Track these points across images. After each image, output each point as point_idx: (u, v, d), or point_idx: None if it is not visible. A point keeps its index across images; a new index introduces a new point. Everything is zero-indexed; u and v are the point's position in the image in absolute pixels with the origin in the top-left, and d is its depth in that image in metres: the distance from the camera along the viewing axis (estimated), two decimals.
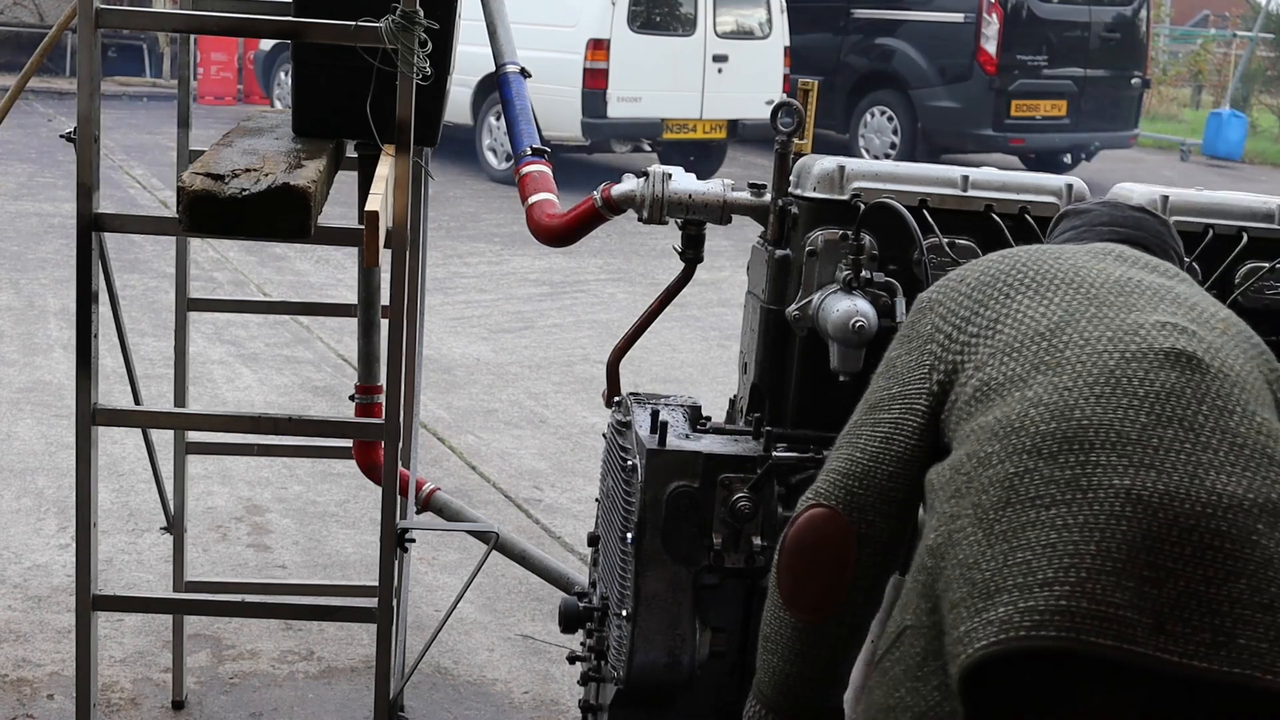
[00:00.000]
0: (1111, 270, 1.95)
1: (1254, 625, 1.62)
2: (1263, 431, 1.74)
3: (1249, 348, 1.89)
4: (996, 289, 1.97)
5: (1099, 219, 2.22)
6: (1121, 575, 1.63)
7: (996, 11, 13.38)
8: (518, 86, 3.50)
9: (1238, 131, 18.06)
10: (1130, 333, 1.82)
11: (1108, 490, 1.68)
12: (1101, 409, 1.74)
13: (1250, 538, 1.65)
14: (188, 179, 2.49)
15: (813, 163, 2.80)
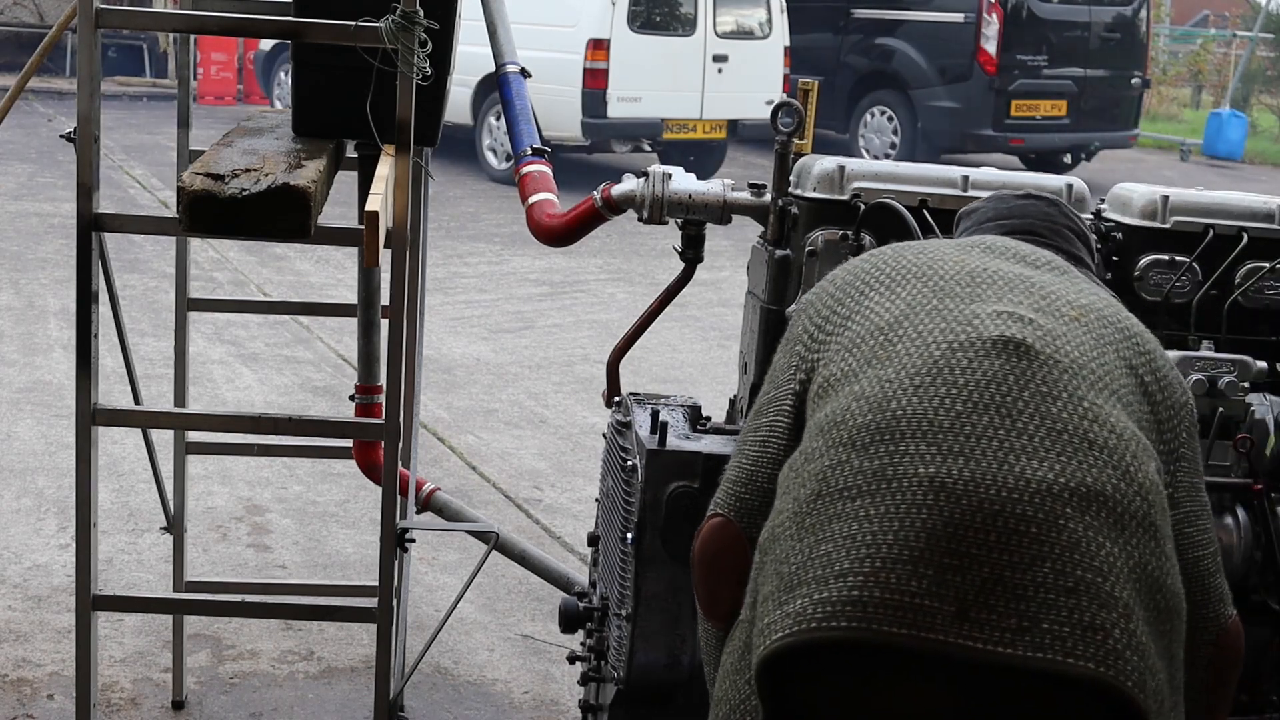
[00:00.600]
0: (970, 261, 1.94)
1: (1057, 610, 1.60)
2: (1087, 416, 1.73)
3: (1108, 333, 1.87)
4: (855, 287, 1.98)
5: (985, 215, 2.21)
6: (919, 564, 1.62)
7: (996, 11, 13.37)
8: (518, 86, 3.50)
9: (1238, 131, 18.06)
10: (964, 323, 1.81)
11: (912, 479, 1.68)
12: (918, 399, 1.74)
13: (1057, 522, 1.64)
14: (188, 179, 2.49)
15: (813, 163, 2.80)
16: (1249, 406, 2.74)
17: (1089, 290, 1.96)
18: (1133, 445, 1.74)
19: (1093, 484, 1.67)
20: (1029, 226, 2.16)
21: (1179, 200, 2.85)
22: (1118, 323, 1.91)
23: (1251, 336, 2.84)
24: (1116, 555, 1.64)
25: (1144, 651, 1.62)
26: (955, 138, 13.76)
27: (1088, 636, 1.59)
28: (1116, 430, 1.74)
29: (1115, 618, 1.61)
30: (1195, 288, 2.82)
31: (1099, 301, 1.93)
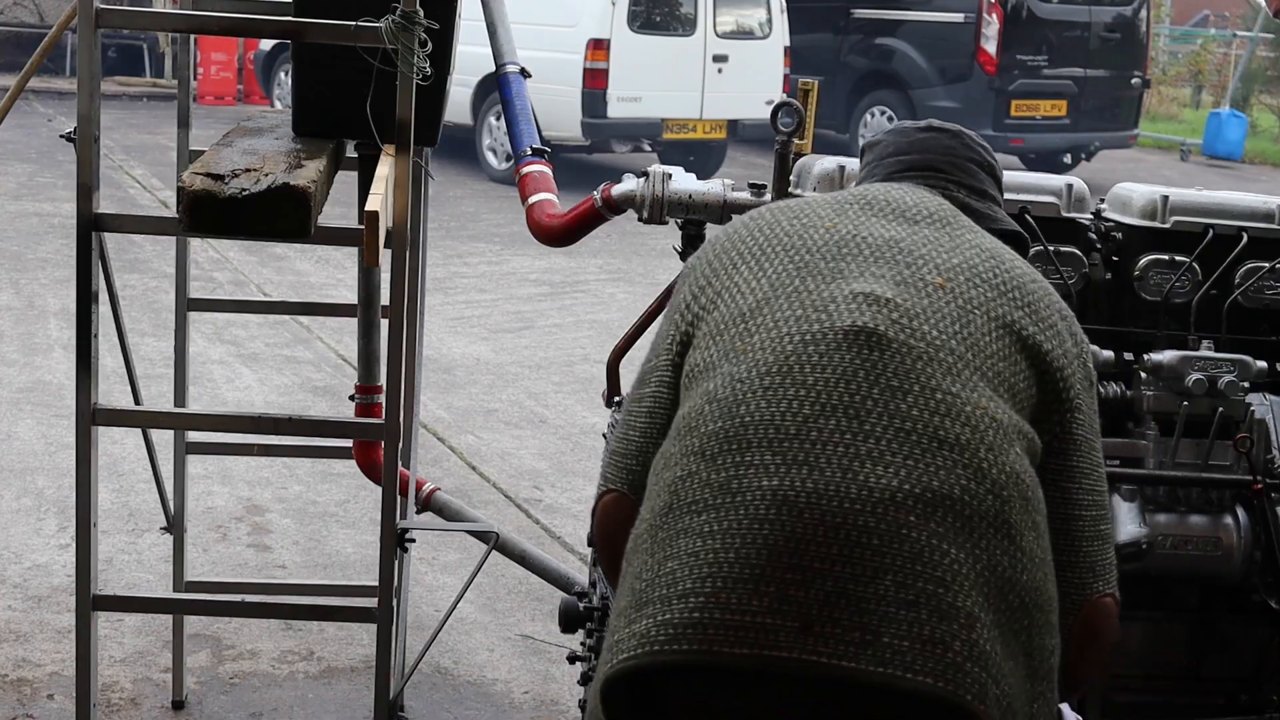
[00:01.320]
0: (842, 227, 1.90)
1: (898, 623, 1.58)
2: (939, 411, 1.70)
3: (979, 295, 1.82)
4: (729, 257, 1.94)
5: (887, 149, 2.15)
6: (760, 581, 1.60)
7: (996, 11, 13.37)
8: (518, 86, 3.50)
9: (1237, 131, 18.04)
10: (819, 309, 1.78)
11: (755, 492, 1.65)
12: (766, 403, 1.71)
13: (900, 531, 1.62)
14: (188, 179, 2.49)
15: (813, 163, 2.80)
16: (1249, 406, 2.74)
17: (968, 244, 1.91)
18: (989, 435, 1.70)
19: (939, 488, 1.65)
20: (929, 162, 2.10)
21: (1179, 200, 2.86)
22: (994, 278, 1.86)
23: (1251, 336, 2.85)
24: (962, 562, 1.62)
25: (986, 660, 1.60)
26: None
27: (927, 650, 1.58)
28: (972, 422, 1.70)
29: (956, 629, 1.59)
30: (1195, 287, 2.82)
31: (975, 257, 1.88)
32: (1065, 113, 14.00)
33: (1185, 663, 2.86)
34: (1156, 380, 2.74)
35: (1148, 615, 2.85)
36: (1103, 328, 2.83)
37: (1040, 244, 2.76)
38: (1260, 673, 2.86)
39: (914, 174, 2.08)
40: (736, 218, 2.06)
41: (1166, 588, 2.85)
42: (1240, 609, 2.84)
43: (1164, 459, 2.75)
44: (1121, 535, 2.70)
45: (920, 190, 2.02)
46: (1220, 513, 2.76)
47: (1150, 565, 2.72)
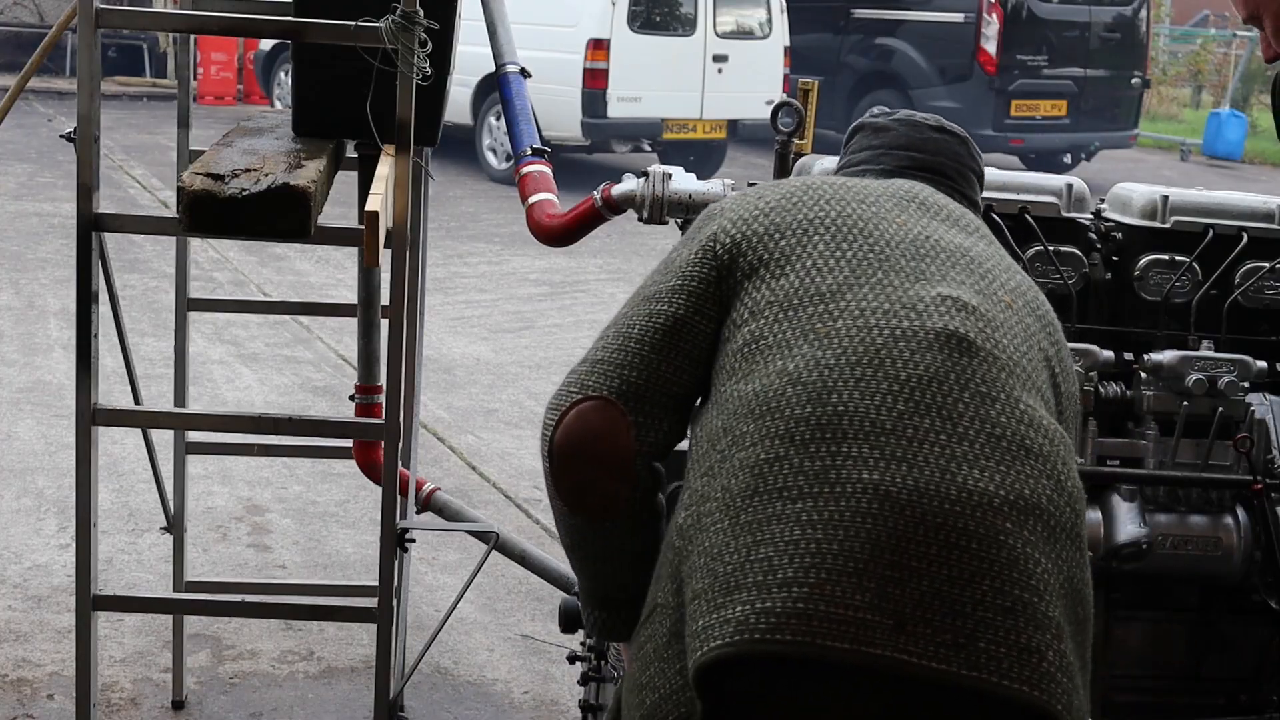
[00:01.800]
0: (912, 225, 1.88)
1: (994, 629, 1.58)
2: (1024, 421, 1.70)
3: (1033, 321, 1.85)
4: (800, 225, 1.87)
5: (897, 141, 2.10)
6: (863, 576, 1.58)
7: (996, 11, 13.37)
8: (518, 86, 3.50)
9: (1237, 131, 18.05)
10: (908, 307, 1.76)
11: (856, 485, 1.63)
12: (860, 394, 1.69)
13: (998, 537, 1.61)
14: (188, 179, 2.49)
15: (813, 163, 2.80)
16: (1249, 406, 2.74)
17: (1013, 267, 1.92)
18: (1062, 449, 1.72)
19: (1030, 496, 1.65)
20: (939, 166, 2.08)
21: (1179, 200, 2.85)
22: (1038, 309, 1.88)
23: (1251, 336, 2.85)
24: (1050, 571, 1.63)
25: (1071, 671, 1.62)
26: None
27: (1023, 659, 1.58)
28: (1049, 434, 1.72)
29: (1049, 639, 1.60)
30: (1195, 287, 2.82)
31: (1024, 284, 1.90)
32: (1065, 113, 14.00)
33: (1185, 663, 2.86)
34: (1156, 380, 2.74)
35: (1148, 615, 2.85)
36: (1103, 328, 2.83)
37: (1040, 244, 2.76)
38: (1260, 673, 2.86)
39: (923, 174, 2.05)
40: (784, 181, 1.99)
41: (1166, 588, 2.85)
42: (1240, 609, 2.84)
43: (1164, 459, 2.74)
44: (1121, 535, 2.70)
45: (948, 197, 2.01)
46: (1220, 513, 2.76)
47: (1150, 565, 2.72)
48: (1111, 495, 2.73)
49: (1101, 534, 2.70)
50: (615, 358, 1.85)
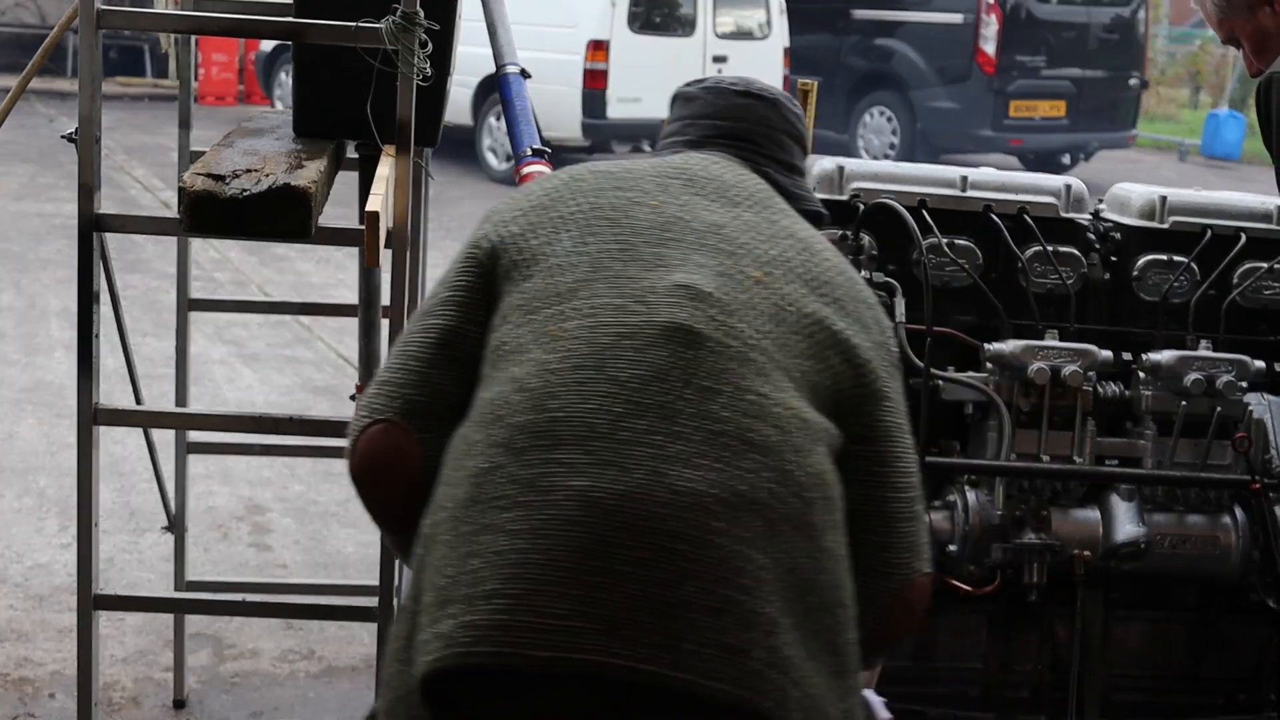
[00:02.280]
0: (667, 206, 1.87)
1: (700, 629, 1.58)
2: (750, 413, 1.68)
3: (796, 288, 1.81)
4: (551, 220, 1.88)
5: (703, 110, 2.08)
6: (568, 584, 1.58)
7: (995, 12, 13.38)
8: (518, 87, 3.50)
9: (1236, 132, 18.05)
10: (639, 300, 1.75)
11: (564, 492, 1.63)
12: (578, 397, 1.68)
13: (706, 538, 1.61)
14: (189, 179, 2.50)
15: (812, 163, 2.81)
16: (1247, 406, 2.75)
17: (784, 232, 1.89)
18: (796, 436, 1.70)
19: (747, 492, 1.64)
20: (744, 132, 2.05)
21: (1177, 200, 2.86)
22: (806, 272, 1.84)
23: (1249, 336, 2.85)
24: (767, 567, 1.62)
25: (787, 666, 1.61)
26: (954, 138, 13.76)
27: (727, 658, 1.58)
28: (780, 423, 1.70)
29: (756, 636, 1.59)
30: (1193, 288, 2.83)
31: (791, 249, 1.87)
32: (1064, 113, 14.01)
33: (1184, 662, 2.86)
34: (1155, 380, 2.74)
35: (1147, 615, 2.86)
36: (1101, 328, 2.84)
37: (1039, 244, 2.77)
38: (1259, 672, 2.86)
39: (727, 142, 2.04)
40: (553, 175, 1.99)
41: (1165, 587, 2.86)
42: (1239, 608, 2.85)
43: (1162, 459, 2.75)
44: (1120, 535, 2.71)
45: (737, 165, 1.99)
46: (1219, 512, 2.77)
47: (1149, 565, 2.73)
48: (1110, 495, 2.74)
49: (1100, 534, 2.71)
50: (397, 378, 1.87)
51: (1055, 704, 2.82)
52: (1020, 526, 2.68)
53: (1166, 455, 2.75)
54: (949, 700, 2.81)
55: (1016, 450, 2.67)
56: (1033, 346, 2.67)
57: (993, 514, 2.67)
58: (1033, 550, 2.65)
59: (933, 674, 2.81)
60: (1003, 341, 2.70)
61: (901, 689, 2.74)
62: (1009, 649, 2.83)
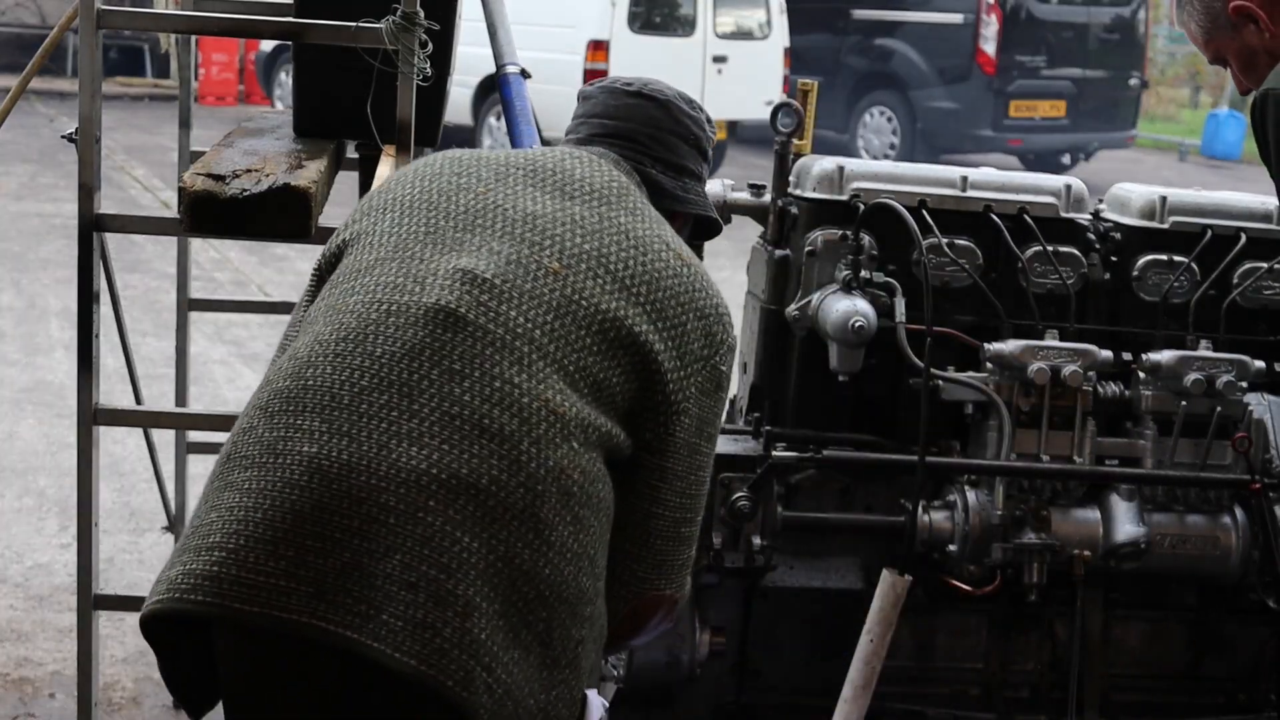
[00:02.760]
0: (494, 194, 1.90)
1: (398, 603, 1.62)
2: (491, 399, 1.72)
3: (596, 287, 1.81)
4: (384, 198, 1.94)
5: (594, 109, 2.12)
6: (281, 544, 1.65)
7: (995, 12, 13.38)
8: (518, 87, 3.50)
9: (1235, 132, 18.04)
10: (418, 281, 1.80)
11: (295, 456, 1.69)
12: (333, 369, 1.75)
13: (416, 514, 1.65)
14: (189, 179, 2.50)
15: (812, 163, 2.81)
16: (1247, 406, 2.75)
17: (616, 228, 1.89)
18: (540, 428, 1.72)
19: (467, 475, 1.68)
20: (629, 131, 2.07)
21: (1177, 200, 2.86)
22: (623, 270, 1.85)
23: (1249, 336, 2.85)
24: (474, 550, 1.66)
25: (478, 649, 1.63)
26: (954, 138, 13.77)
27: (417, 634, 1.62)
28: (524, 414, 1.72)
29: (449, 616, 1.63)
30: (1193, 288, 2.83)
31: (614, 244, 1.87)
32: (1064, 113, 14.00)
33: (1183, 661, 2.87)
34: (1155, 380, 2.74)
35: (1146, 615, 2.86)
36: (1101, 328, 2.84)
37: (1039, 244, 2.77)
38: (1258, 671, 2.87)
39: (612, 140, 2.06)
40: (422, 160, 2.05)
41: (1165, 587, 2.86)
42: (1238, 608, 2.85)
43: (1162, 459, 2.75)
44: (1120, 535, 2.71)
45: (605, 162, 2.00)
46: (1219, 512, 2.77)
47: (1149, 565, 2.73)
48: (1110, 495, 2.74)
49: (1100, 534, 2.71)
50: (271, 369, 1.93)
51: (1055, 704, 2.82)
52: (1020, 526, 2.68)
53: (1166, 455, 2.75)
54: (949, 700, 2.81)
55: (1016, 450, 2.67)
56: (1033, 346, 2.68)
57: (993, 514, 2.67)
58: (1033, 550, 2.65)
59: (933, 674, 2.81)
60: (1003, 341, 2.70)
61: (901, 689, 2.75)
62: (1009, 649, 2.83)
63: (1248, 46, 2.29)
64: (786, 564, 2.70)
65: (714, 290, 1.92)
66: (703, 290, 1.90)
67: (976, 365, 2.72)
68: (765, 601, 2.71)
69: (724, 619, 2.68)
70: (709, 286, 1.91)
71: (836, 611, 2.71)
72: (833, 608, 2.72)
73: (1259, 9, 2.27)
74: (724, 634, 2.67)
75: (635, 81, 2.13)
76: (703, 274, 1.92)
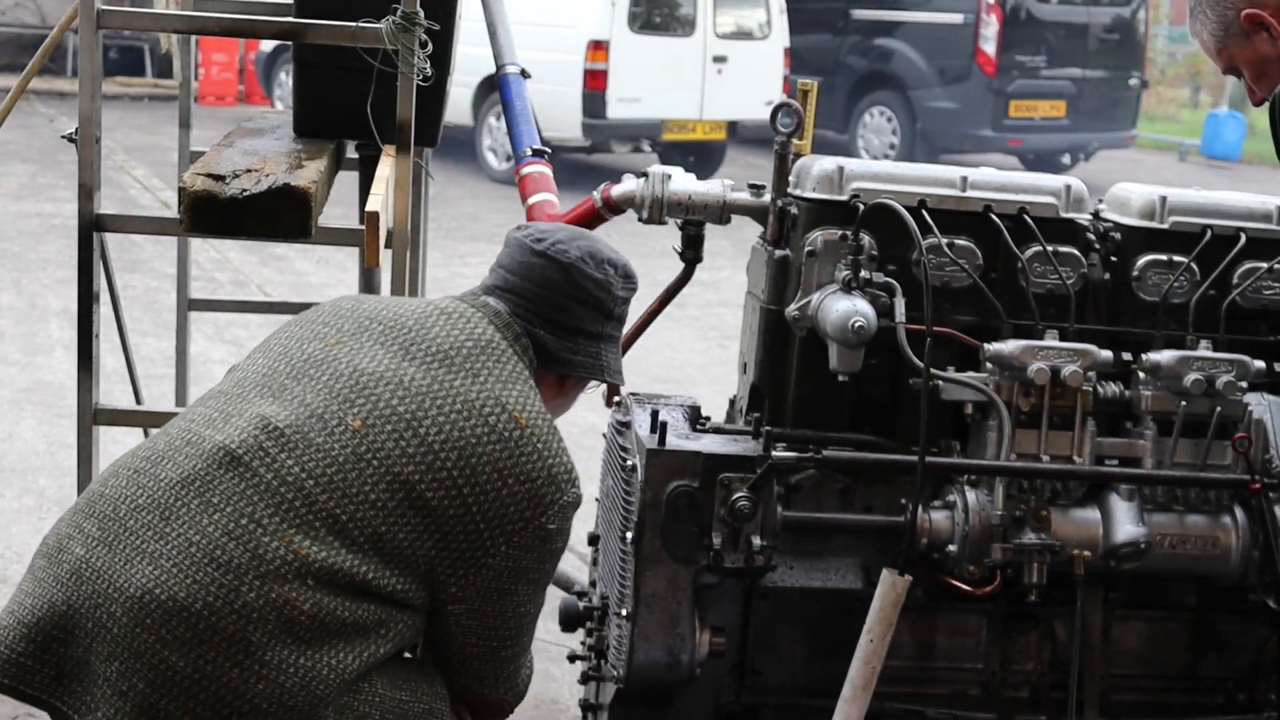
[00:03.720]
0: (339, 348, 2.06)
1: (110, 706, 1.87)
2: (234, 534, 1.90)
3: (397, 449, 1.97)
4: (270, 340, 2.18)
5: (503, 260, 2.24)
6: (35, 629, 1.92)
7: (995, 12, 13.38)
8: (518, 87, 3.51)
9: (1236, 132, 18.04)
10: (225, 419, 2.01)
11: (69, 555, 1.95)
12: (125, 482, 1.98)
13: (135, 629, 1.86)
14: (189, 179, 2.50)
15: (812, 163, 2.81)
16: (1247, 406, 2.74)
17: (447, 393, 2.02)
18: (273, 564, 1.90)
19: (184, 599, 1.87)
20: (524, 290, 2.19)
21: (1177, 200, 2.86)
22: (434, 435, 1.99)
23: (1249, 336, 2.85)
24: (180, 670, 1.86)
25: None
26: (954, 138, 13.77)
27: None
28: (260, 552, 1.90)
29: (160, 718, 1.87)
30: (1193, 288, 2.83)
31: (435, 409, 2.00)
32: (1064, 113, 14.00)
33: (1183, 662, 2.86)
34: (1155, 380, 2.74)
35: (1146, 615, 2.86)
36: (1101, 328, 2.84)
37: (1039, 244, 2.77)
38: (1258, 672, 2.86)
39: (508, 295, 2.19)
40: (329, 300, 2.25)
41: (1165, 587, 2.86)
42: (1238, 608, 2.85)
43: (1162, 459, 2.75)
44: (1120, 535, 2.71)
45: (480, 318, 2.13)
46: (1218, 512, 2.77)
47: (1149, 565, 2.73)
48: (1110, 495, 2.73)
49: (1100, 534, 2.71)
50: None
51: (1055, 704, 2.82)
52: (1020, 526, 2.68)
53: (1166, 455, 2.74)
54: (949, 700, 2.81)
55: (1016, 450, 2.67)
56: (1033, 346, 2.67)
57: (993, 514, 2.67)
58: (1033, 550, 2.65)
59: (933, 674, 2.80)
60: (1003, 341, 2.70)
61: (901, 689, 2.75)
62: (1009, 649, 2.83)
63: (1260, 55, 2.28)
64: (786, 564, 2.70)
65: (551, 452, 2.07)
66: (533, 453, 2.04)
67: (976, 365, 2.72)
68: (765, 602, 2.70)
69: (724, 619, 2.68)
70: (544, 449, 2.06)
71: (836, 611, 2.71)
72: (833, 608, 2.72)
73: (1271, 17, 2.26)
74: (724, 634, 2.67)
75: (546, 238, 2.22)
76: (539, 437, 2.05)
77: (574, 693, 3.80)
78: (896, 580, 2.50)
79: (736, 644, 2.70)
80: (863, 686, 2.50)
